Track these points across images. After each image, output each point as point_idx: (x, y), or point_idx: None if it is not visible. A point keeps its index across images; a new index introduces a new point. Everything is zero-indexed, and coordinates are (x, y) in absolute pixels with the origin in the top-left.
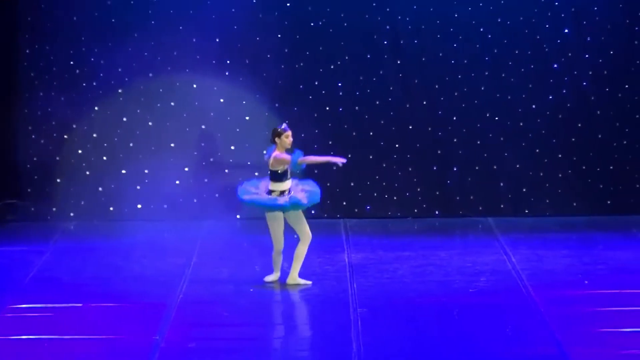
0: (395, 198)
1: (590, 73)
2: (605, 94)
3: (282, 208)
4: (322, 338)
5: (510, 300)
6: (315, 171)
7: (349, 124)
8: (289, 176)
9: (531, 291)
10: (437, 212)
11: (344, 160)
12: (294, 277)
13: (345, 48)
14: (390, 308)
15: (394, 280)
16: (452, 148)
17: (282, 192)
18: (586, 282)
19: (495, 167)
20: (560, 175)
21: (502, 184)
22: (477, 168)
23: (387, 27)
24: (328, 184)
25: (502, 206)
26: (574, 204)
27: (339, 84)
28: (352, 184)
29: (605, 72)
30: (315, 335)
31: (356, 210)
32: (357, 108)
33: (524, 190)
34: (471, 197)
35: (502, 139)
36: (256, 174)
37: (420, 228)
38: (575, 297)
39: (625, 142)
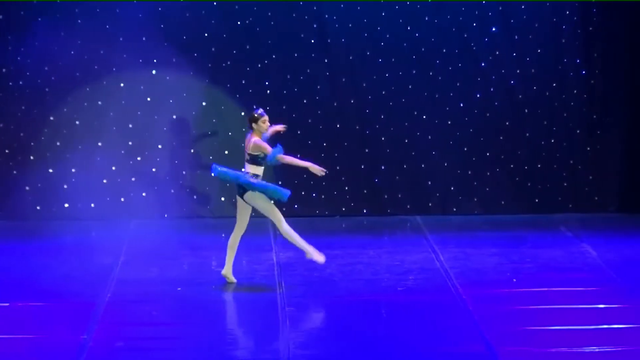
0: (323, 197)
1: (518, 71)
2: (532, 92)
3: (249, 185)
4: (251, 337)
5: (438, 299)
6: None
7: (276, 122)
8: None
9: (459, 289)
10: (365, 211)
11: (323, 172)
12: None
13: (272, 47)
14: (318, 307)
15: (322, 279)
16: (380, 146)
17: (256, 175)
18: (514, 280)
19: (423, 165)
20: (488, 174)
21: (430, 183)
22: (405, 166)
23: (315, 25)
24: None
25: (430, 204)
26: (502, 202)
27: (266, 83)
28: (279, 183)
29: (533, 71)
30: (243, 334)
31: (284, 209)
32: (284, 107)
33: (452, 188)
34: (399, 196)
35: (430, 137)
36: (184, 172)
37: (348, 226)
38: (503, 295)
39: (552, 141)
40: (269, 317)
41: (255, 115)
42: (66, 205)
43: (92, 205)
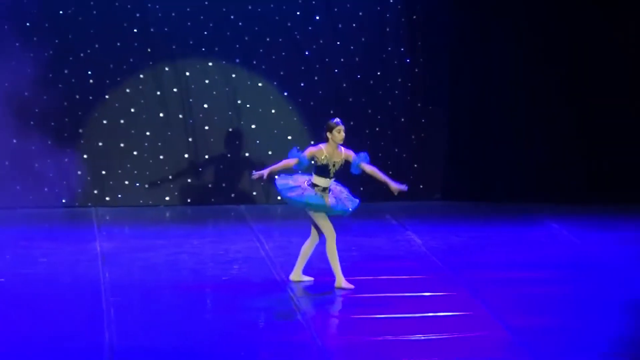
0: (146, 186)
1: (342, 60)
2: (357, 80)
3: (343, 212)
4: (76, 327)
5: (263, 288)
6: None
7: (99, 112)
8: (332, 175)
9: (284, 278)
10: (189, 200)
11: (403, 189)
12: (339, 280)
13: (95, 36)
14: (143, 297)
15: (146, 269)
16: (203, 135)
17: (324, 189)
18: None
19: (247, 154)
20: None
21: (254, 172)
22: (229, 156)
23: (137, 14)
24: (79, 172)
25: (254, 194)
26: None
27: (89, 72)
28: (103, 172)
29: (357, 59)
30: (68, 325)
31: (107, 198)
32: (107, 97)
33: (276, 177)
34: (223, 185)
35: (253, 126)
36: (6, 162)
37: (172, 216)
38: (328, 284)
39: (377, 129)
40: (92, 307)
41: (331, 123)
42: None
43: None
